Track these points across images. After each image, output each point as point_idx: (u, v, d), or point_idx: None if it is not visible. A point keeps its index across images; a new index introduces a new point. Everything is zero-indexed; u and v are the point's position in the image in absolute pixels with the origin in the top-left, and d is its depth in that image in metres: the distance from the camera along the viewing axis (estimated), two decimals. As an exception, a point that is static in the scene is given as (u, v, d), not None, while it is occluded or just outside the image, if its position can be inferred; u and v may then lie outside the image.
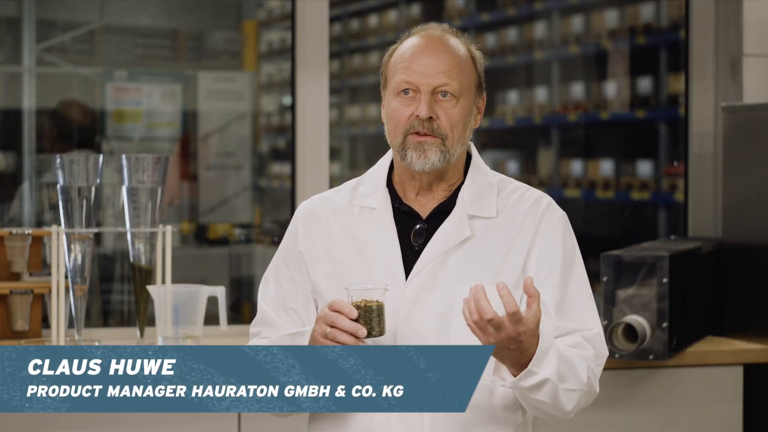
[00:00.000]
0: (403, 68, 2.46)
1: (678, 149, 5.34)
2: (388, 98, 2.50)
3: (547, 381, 2.32)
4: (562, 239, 2.50)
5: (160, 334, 3.59)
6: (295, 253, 2.55)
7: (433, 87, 2.44)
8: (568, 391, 2.37)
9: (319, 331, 2.35)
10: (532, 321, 2.25)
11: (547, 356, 2.31)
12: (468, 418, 2.43)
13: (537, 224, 2.49)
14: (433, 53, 2.46)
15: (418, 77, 2.44)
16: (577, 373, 2.38)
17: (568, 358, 2.37)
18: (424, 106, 2.43)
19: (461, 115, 2.46)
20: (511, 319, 2.22)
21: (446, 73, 2.45)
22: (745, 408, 3.92)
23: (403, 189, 2.54)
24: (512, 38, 7.04)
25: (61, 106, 5.53)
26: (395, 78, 2.47)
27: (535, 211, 2.50)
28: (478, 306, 2.22)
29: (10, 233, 3.84)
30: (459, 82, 2.45)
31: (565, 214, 2.54)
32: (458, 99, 2.46)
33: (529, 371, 2.29)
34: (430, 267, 2.46)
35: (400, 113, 2.46)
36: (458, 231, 2.47)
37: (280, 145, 6.91)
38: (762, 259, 4.00)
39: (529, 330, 2.25)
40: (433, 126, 2.44)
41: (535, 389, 2.32)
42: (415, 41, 2.49)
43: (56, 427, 3.38)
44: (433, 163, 2.45)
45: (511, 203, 2.52)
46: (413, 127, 2.44)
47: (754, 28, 4.28)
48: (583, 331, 2.45)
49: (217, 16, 6.29)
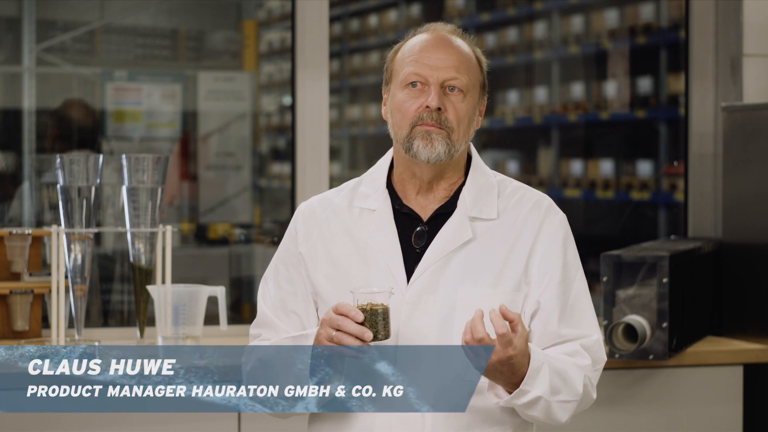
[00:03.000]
0: (412, 61, 2.47)
1: (678, 149, 5.34)
2: (393, 91, 2.50)
3: (540, 399, 2.35)
4: (563, 245, 2.50)
5: (160, 334, 3.59)
6: (295, 254, 2.55)
7: (442, 80, 2.45)
8: (563, 402, 2.40)
9: (324, 334, 2.34)
10: (521, 342, 2.28)
11: (538, 375, 2.34)
12: (468, 419, 2.43)
13: (538, 227, 2.49)
14: (442, 48, 2.47)
15: (428, 70, 2.45)
16: (571, 385, 2.41)
17: (563, 371, 2.40)
18: (435, 97, 2.44)
19: (467, 111, 2.47)
20: (501, 341, 2.25)
21: (455, 68, 2.46)
22: (745, 408, 3.92)
23: (403, 189, 2.53)
24: (512, 38, 7.04)
25: (64, 106, 5.53)
26: (403, 71, 2.48)
27: (537, 213, 2.51)
28: (471, 326, 2.25)
29: (10, 233, 3.84)
30: (467, 78, 2.47)
31: (565, 216, 2.55)
32: (465, 95, 2.47)
33: (521, 390, 2.34)
34: (432, 269, 2.46)
35: (408, 105, 2.47)
36: (460, 233, 2.47)
37: (280, 145, 6.91)
38: (762, 259, 4.00)
39: (519, 352, 2.28)
40: (441, 118, 2.45)
41: (528, 406, 2.37)
42: (425, 37, 2.50)
43: (56, 427, 3.38)
44: (438, 154, 2.45)
45: (512, 205, 2.52)
46: (421, 119, 2.45)
47: (754, 28, 4.28)
48: (582, 339, 2.47)
49: (217, 16, 6.29)
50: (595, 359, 2.48)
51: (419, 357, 2.42)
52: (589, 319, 2.51)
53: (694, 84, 4.45)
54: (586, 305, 2.51)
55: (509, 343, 2.25)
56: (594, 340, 2.48)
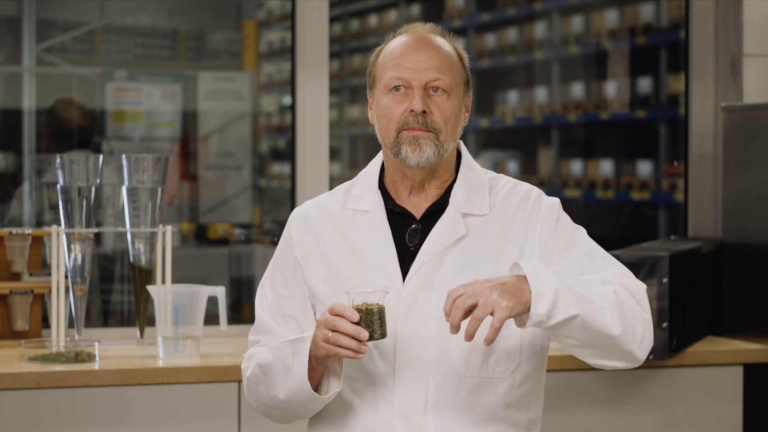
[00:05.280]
0: (394, 65, 2.47)
1: (678, 149, 5.34)
2: (377, 97, 2.50)
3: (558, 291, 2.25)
4: (557, 222, 2.49)
5: (160, 334, 3.59)
6: (291, 259, 2.55)
7: (425, 82, 2.45)
8: (598, 310, 2.30)
9: (321, 335, 2.34)
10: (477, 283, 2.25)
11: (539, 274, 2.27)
12: (471, 418, 2.43)
13: (528, 217, 2.49)
14: (423, 50, 2.47)
15: (410, 73, 2.45)
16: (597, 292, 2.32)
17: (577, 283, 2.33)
18: (418, 101, 2.44)
19: (453, 110, 2.47)
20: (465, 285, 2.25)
21: (437, 68, 2.45)
22: (745, 408, 3.92)
23: (395, 189, 2.54)
24: (512, 38, 7.04)
25: (58, 106, 5.52)
26: (385, 76, 2.47)
27: (525, 205, 2.51)
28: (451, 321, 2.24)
29: (10, 233, 3.84)
30: (449, 77, 2.46)
31: (557, 200, 2.54)
32: (449, 94, 2.47)
33: (535, 295, 2.24)
34: (426, 267, 2.46)
35: (392, 110, 2.46)
36: (453, 229, 2.47)
37: (280, 145, 6.91)
38: (762, 259, 4.00)
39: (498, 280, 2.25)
40: (426, 120, 2.45)
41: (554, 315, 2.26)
42: (404, 39, 2.50)
43: (56, 427, 3.38)
44: (428, 157, 2.45)
45: (502, 199, 2.52)
46: (407, 123, 2.45)
47: (754, 28, 4.27)
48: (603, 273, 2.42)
49: (217, 16, 6.29)
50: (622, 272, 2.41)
51: (419, 354, 2.42)
52: (609, 262, 2.45)
53: (694, 84, 4.45)
54: (603, 256, 2.47)
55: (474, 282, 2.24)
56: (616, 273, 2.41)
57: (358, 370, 2.45)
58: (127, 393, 3.44)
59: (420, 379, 2.42)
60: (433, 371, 2.42)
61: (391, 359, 2.43)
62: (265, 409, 2.52)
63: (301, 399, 2.42)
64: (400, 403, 2.42)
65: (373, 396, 2.44)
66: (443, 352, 2.42)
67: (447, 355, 2.42)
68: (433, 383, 2.42)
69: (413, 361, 2.42)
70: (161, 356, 3.58)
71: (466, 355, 2.42)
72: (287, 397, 2.43)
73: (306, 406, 2.45)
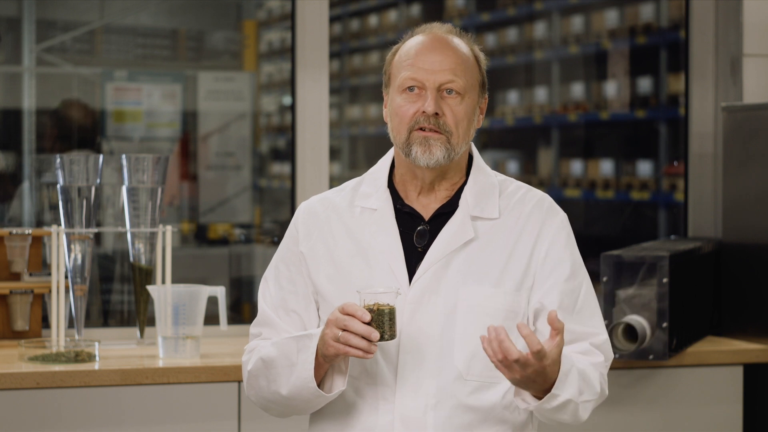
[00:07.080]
0: (409, 65, 2.46)
1: (678, 149, 5.34)
2: (391, 96, 2.50)
3: (569, 402, 2.34)
4: (566, 244, 2.50)
5: (160, 334, 3.59)
6: (296, 253, 2.54)
7: (438, 84, 2.44)
8: (585, 402, 2.39)
9: (330, 334, 2.34)
10: (556, 352, 2.27)
11: (567, 378, 2.33)
12: (470, 419, 2.43)
13: (540, 227, 2.49)
14: (438, 51, 2.46)
15: (424, 74, 2.44)
16: (591, 385, 2.41)
17: (583, 372, 2.39)
18: (431, 102, 2.43)
19: (466, 113, 2.46)
20: (536, 356, 2.23)
21: (452, 70, 2.45)
22: (745, 408, 3.92)
23: (404, 189, 2.53)
24: (512, 38, 7.04)
25: (63, 106, 5.53)
26: (400, 75, 2.47)
27: (538, 213, 2.50)
28: (502, 348, 2.23)
29: (10, 233, 3.84)
30: (464, 79, 2.45)
31: (566, 215, 2.55)
32: (463, 96, 2.46)
33: (552, 395, 2.32)
34: (434, 269, 2.45)
35: (405, 110, 2.46)
36: (462, 232, 2.47)
37: (280, 145, 6.91)
38: (762, 259, 4.00)
39: (553, 362, 2.27)
40: (438, 122, 2.44)
41: (557, 410, 2.35)
42: (420, 39, 2.49)
43: (56, 427, 3.38)
44: (437, 159, 2.44)
45: (513, 204, 2.52)
46: (418, 123, 2.44)
47: (754, 28, 4.27)
48: (591, 338, 2.47)
49: (217, 16, 6.29)
50: (607, 357, 2.49)
51: (422, 356, 2.42)
52: (598, 318, 2.51)
53: (694, 84, 4.45)
54: (594, 304, 2.51)
55: (543, 356, 2.24)
56: (603, 339, 2.49)
57: (359, 369, 2.44)
58: (127, 393, 3.44)
59: (421, 381, 2.42)
60: (435, 373, 2.42)
61: (393, 360, 2.43)
62: (265, 403, 2.52)
63: (304, 396, 2.42)
64: (400, 403, 2.42)
65: (374, 396, 2.44)
66: (446, 354, 2.42)
67: (450, 358, 2.42)
68: (434, 385, 2.42)
69: (415, 363, 2.42)
70: (161, 356, 3.58)
71: (469, 358, 2.42)
72: (290, 393, 2.43)
73: (308, 403, 2.44)
